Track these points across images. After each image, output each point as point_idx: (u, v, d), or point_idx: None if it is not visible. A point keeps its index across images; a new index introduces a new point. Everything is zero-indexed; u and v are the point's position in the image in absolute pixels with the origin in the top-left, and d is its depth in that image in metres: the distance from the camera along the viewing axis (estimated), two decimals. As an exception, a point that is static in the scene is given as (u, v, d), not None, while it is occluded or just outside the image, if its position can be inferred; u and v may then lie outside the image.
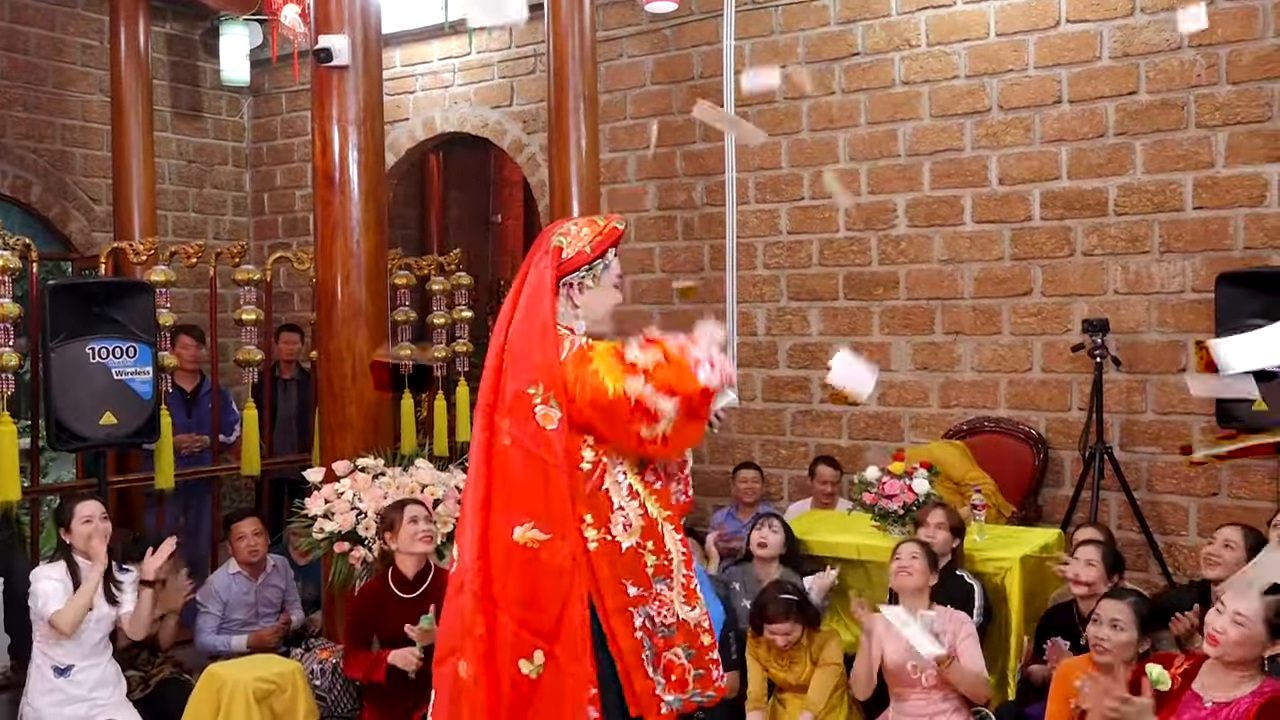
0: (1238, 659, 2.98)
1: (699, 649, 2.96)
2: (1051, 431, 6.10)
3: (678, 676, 2.91)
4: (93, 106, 8.13)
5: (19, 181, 7.82)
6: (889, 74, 6.53)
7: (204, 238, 8.58)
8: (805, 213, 6.84)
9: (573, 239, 2.97)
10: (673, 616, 2.93)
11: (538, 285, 2.91)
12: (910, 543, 4.34)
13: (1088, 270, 6.00)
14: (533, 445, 2.81)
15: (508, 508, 2.84)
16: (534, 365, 2.83)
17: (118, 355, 5.14)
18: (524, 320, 2.89)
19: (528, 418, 2.82)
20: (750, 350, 7.01)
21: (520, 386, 2.83)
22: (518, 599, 2.82)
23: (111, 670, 4.31)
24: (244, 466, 6.00)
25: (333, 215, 5.05)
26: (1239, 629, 2.97)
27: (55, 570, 4.19)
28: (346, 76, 5.00)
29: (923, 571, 4.21)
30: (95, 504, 4.31)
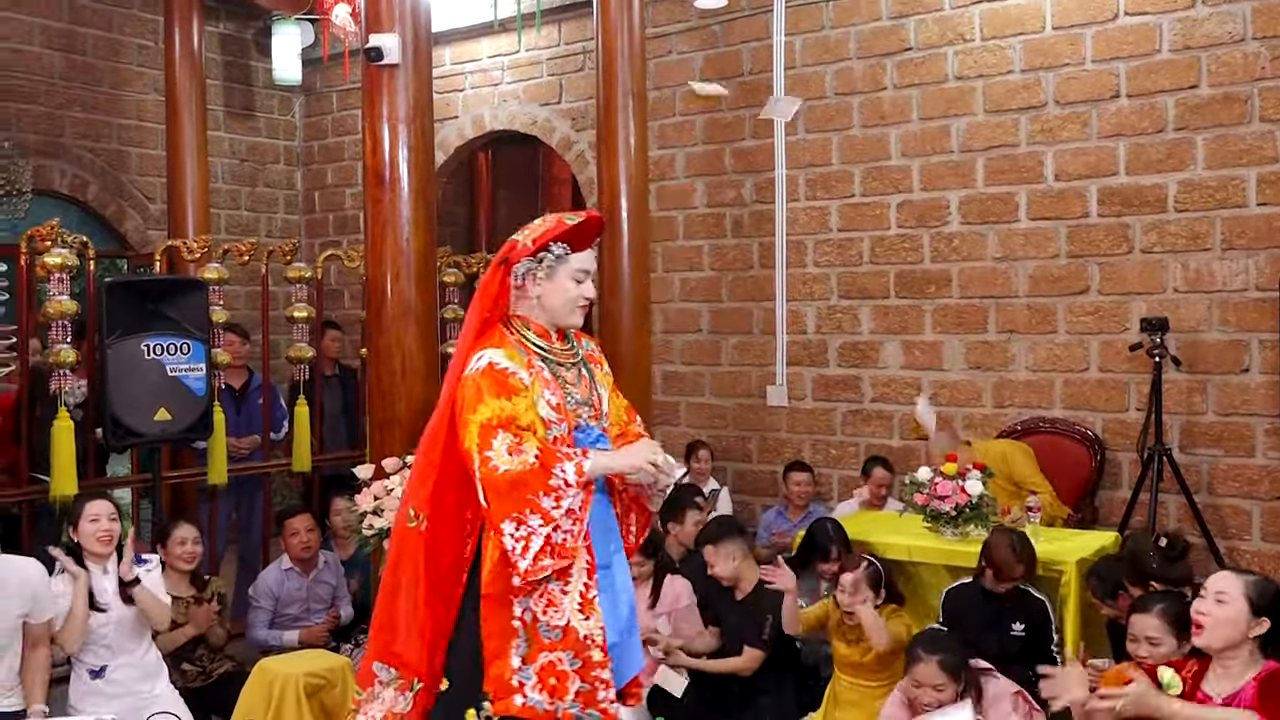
0: (1225, 642, 2.96)
1: (586, 662, 2.94)
2: (1108, 432, 6.02)
3: (557, 681, 2.90)
4: (148, 106, 8.27)
5: (77, 180, 7.98)
6: (942, 69, 6.48)
7: (256, 236, 8.70)
8: (856, 210, 6.80)
9: (527, 233, 3.08)
10: (561, 619, 2.92)
11: (487, 282, 3.07)
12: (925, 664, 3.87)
13: (1146, 268, 5.91)
14: (427, 440, 3.02)
15: (410, 493, 3.06)
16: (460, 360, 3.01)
17: (172, 352, 5.22)
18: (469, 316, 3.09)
19: (443, 408, 3.01)
20: (800, 349, 6.98)
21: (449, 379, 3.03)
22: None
23: (152, 662, 4.30)
24: (295, 463, 6.08)
25: (383, 213, 5.09)
26: (1221, 607, 2.97)
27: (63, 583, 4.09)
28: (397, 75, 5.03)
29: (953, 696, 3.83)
30: (105, 503, 4.25)
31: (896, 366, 6.69)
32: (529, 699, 2.87)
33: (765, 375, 7.07)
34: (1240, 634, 2.97)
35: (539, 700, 2.88)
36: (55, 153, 7.83)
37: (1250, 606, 2.97)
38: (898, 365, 6.69)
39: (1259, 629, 2.97)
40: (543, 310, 3.06)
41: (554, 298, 3.04)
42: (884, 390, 6.74)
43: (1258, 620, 2.97)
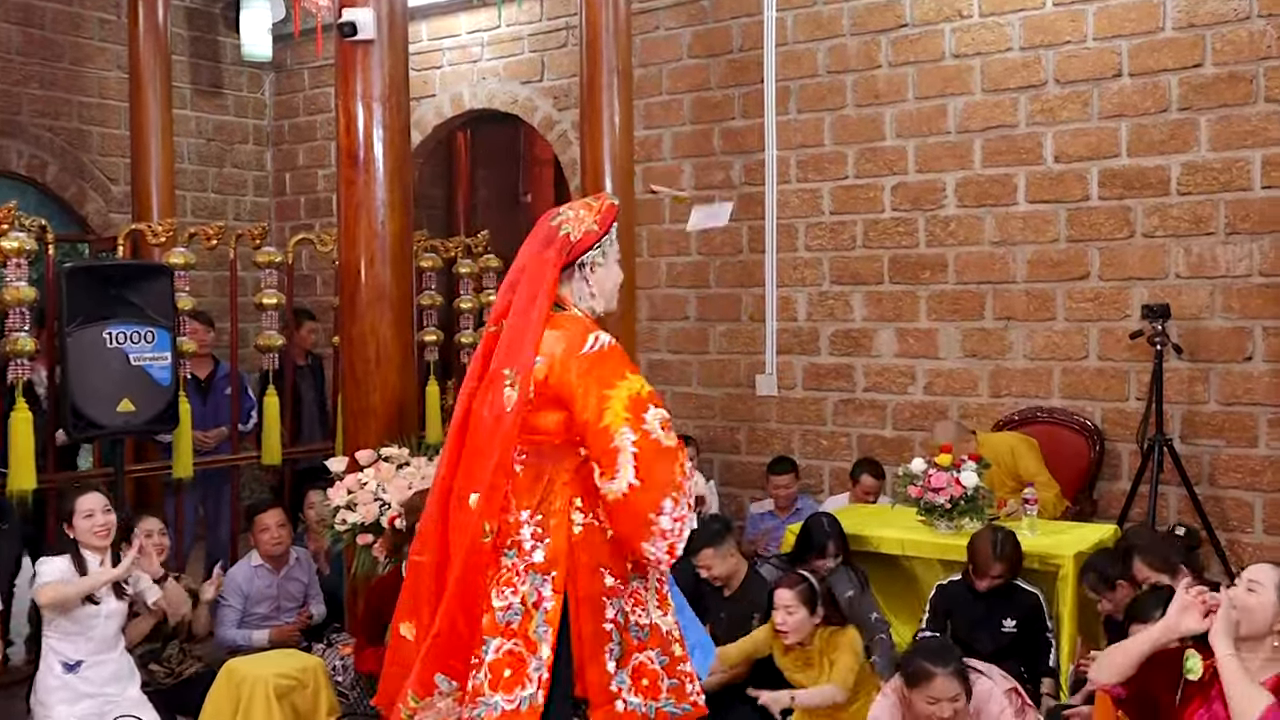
0: (1246, 631, 2.96)
1: (671, 658, 3.02)
2: (1108, 423, 6.04)
3: (649, 681, 2.96)
4: (110, 83, 8.20)
5: (35, 161, 7.91)
6: (939, 46, 6.47)
7: (224, 219, 8.64)
8: (849, 192, 6.79)
9: (575, 222, 3.09)
10: (647, 618, 2.99)
11: (536, 275, 3.05)
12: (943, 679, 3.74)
13: (1148, 253, 5.92)
14: (493, 422, 2.98)
15: (469, 477, 3.02)
16: (516, 352, 2.98)
17: (135, 340, 5.18)
18: (519, 309, 3.03)
19: (498, 396, 2.98)
20: (790, 336, 6.99)
21: (499, 367, 3.01)
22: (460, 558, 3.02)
23: (125, 665, 4.32)
24: (265, 456, 6.05)
25: (356, 195, 5.07)
26: (1250, 595, 2.97)
27: (60, 560, 4.19)
28: (371, 51, 5.00)
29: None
30: (97, 496, 4.29)
31: (890, 355, 6.70)
32: (628, 703, 2.92)
33: (754, 364, 7.07)
34: (1264, 625, 2.95)
35: (637, 703, 2.93)
36: (12, 132, 7.76)
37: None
38: (891, 354, 6.70)
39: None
40: (597, 295, 3.12)
41: (609, 282, 3.13)
42: (877, 380, 6.75)
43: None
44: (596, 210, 3.10)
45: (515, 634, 2.90)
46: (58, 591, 4.08)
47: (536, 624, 2.89)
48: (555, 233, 3.07)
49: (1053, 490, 5.60)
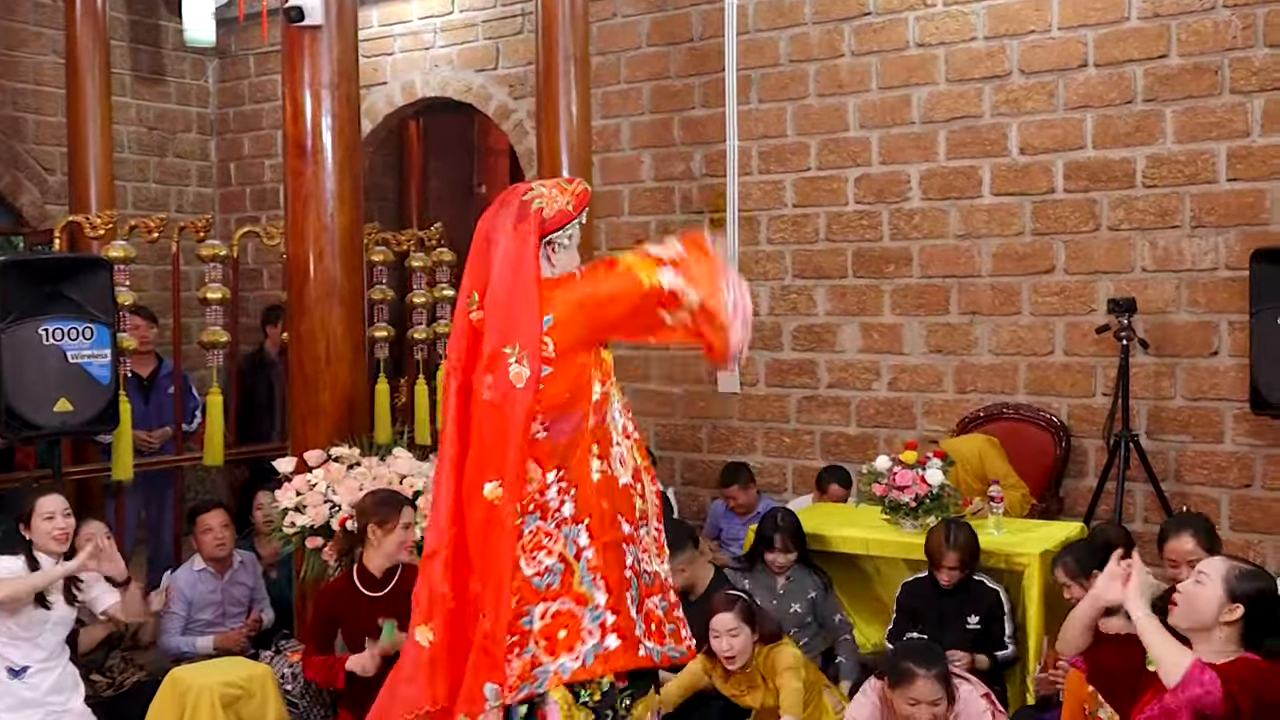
0: (1192, 622, 3.06)
1: (670, 604, 3.16)
2: (1074, 419, 6.10)
3: (656, 627, 3.08)
4: (46, 69, 8.07)
5: (-33, 150, 7.78)
6: (902, 35, 6.50)
7: (166, 211, 8.54)
8: (812, 184, 6.81)
9: (549, 199, 3.13)
10: (651, 565, 3.12)
11: (519, 248, 3.06)
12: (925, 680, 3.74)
13: (1114, 246, 5.98)
14: (504, 403, 2.98)
15: (481, 464, 3.01)
16: (514, 327, 3.00)
17: (73, 337, 5.11)
18: (503, 283, 3.04)
19: (504, 376, 2.98)
20: (752, 332, 6.96)
21: (498, 346, 3.00)
22: (482, 557, 3.00)
23: (70, 675, 4.29)
24: (206, 457, 5.98)
25: (305, 186, 5.02)
26: (1198, 586, 3.06)
27: (12, 560, 4.15)
28: (319, 37, 4.96)
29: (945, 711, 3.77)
30: (58, 498, 4.26)
31: (854, 350, 6.73)
32: (646, 648, 3.00)
33: (716, 360, 7.06)
34: (1210, 617, 3.03)
35: (653, 648, 3.02)
36: (-57, 119, 7.64)
37: (1227, 591, 3.03)
38: (855, 349, 6.73)
39: (1231, 615, 3.02)
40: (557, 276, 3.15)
41: (570, 265, 3.17)
42: (841, 375, 6.78)
43: (1231, 606, 3.01)
44: (571, 192, 3.16)
45: (559, 594, 2.96)
46: (11, 587, 4.03)
47: (581, 575, 2.96)
48: (528, 207, 3.10)
49: (1020, 490, 5.66)
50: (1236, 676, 2.90)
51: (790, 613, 4.88)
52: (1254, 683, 2.90)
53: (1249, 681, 2.90)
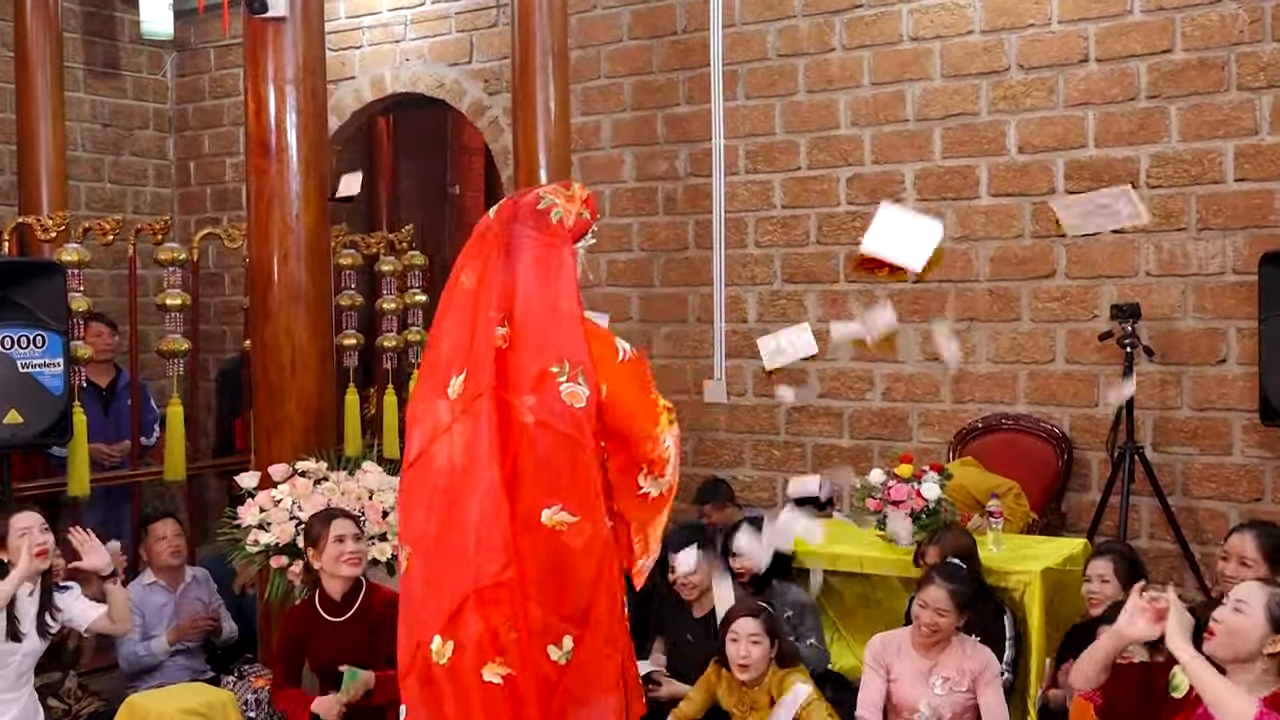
0: (1233, 653, 3.04)
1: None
2: (1076, 430, 6.14)
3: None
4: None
5: (-90, 147, 7.75)
6: (896, 28, 6.54)
7: (122, 212, 8.49)
8: (802, 184, 6.84)
9: (563, 207, 3.07)
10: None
11: (555, 260, 3.01)
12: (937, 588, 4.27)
13: (1117, 249, 6.02)
14: (561, 424, 2.92)
15: (534, 489, 2.93)
16: (559, 343, 2.95)
17: (24, 345, 5.10)
18: (540, 298, 2.98)
19: (554, 396, 2.92)
20: (740, 339, 7.01)
21: (544, 365, 2.94)
22: (546, 584, 2.92)
23: (31, 706, 4.27)
24: (167, 471, 5.96)
25: (268, 186, 5.03)
26: (1237, 616, 3.05)
27: None
28: (283, 29, 4.97)
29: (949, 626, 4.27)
30: (33, 514, 4.20)
31: (846, 358, 6.74)
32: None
33: (702, 369, 7.09)
34: (1252, 648, 3.03)
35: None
36: (-116, 115, 7.60)
37: (1270, 621, 3.02)
38: (847, 357, 6.73)
39: (1275, 646, 3.01)
40: None
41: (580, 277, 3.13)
42: (832, 385, 6.79)
43: (1275, 637, 3.01)
44: (579, 199, 3.13)
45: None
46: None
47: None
48: (548, 217, 3.04)
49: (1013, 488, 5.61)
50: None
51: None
52: None
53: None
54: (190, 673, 5.18)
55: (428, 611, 2.95)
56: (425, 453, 3.00)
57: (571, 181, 3.27)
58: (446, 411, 2.96)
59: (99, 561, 4.32)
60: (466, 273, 3.05)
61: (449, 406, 2.96)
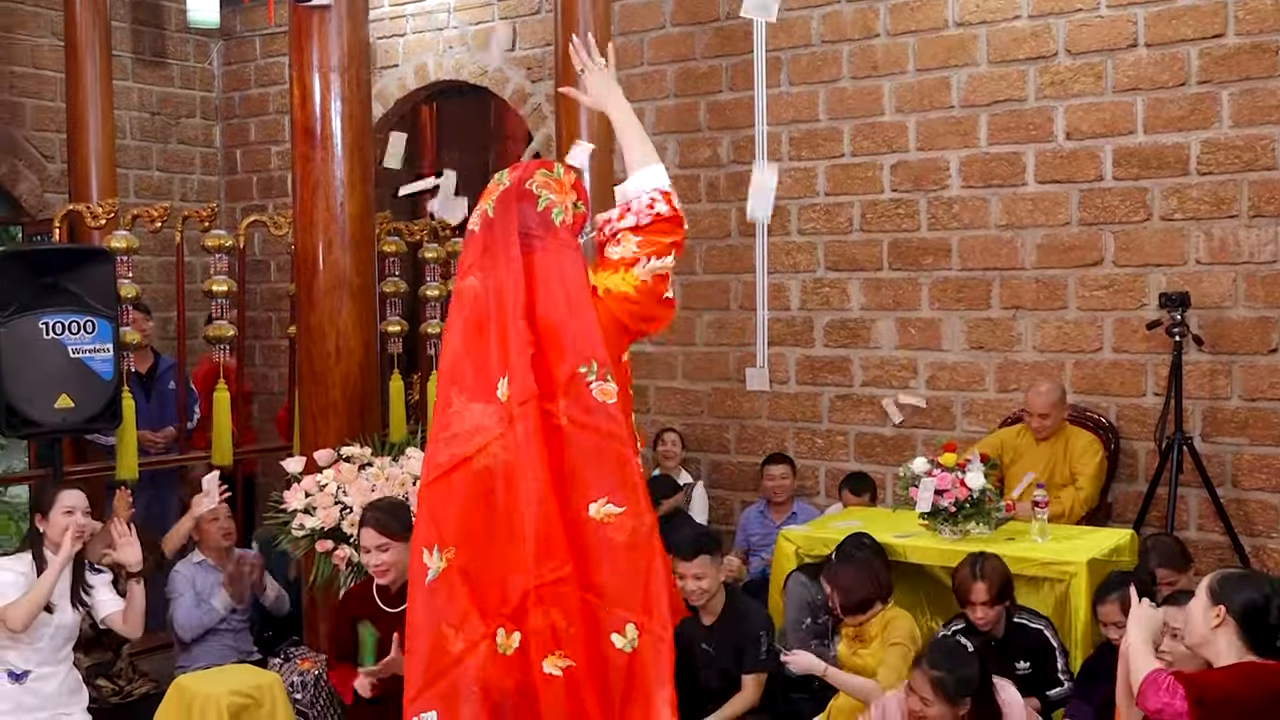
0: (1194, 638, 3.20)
1: None
2: (1123, 420, 6.08)
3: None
4: (45, 52, 8.14)
5: (-38, 136, 7.86)
6: (941, 14, 6.49)
7: (169, 199, 8.60)
8: (845, 171, 6.81)
9: (559, 204, 3.07)
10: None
11: (563, 262, 3.01)
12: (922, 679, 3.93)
13: (1166, 237, 5.96)
14: (599, 422, 2.94)
15: (577, 487, 2.96)
16: (581, 344, 2.96)
17: (74, 331, 5.17)
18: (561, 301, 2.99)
19: (587, 398, 2.95)
20: (783, 327, 7.00)
21: (572, 368, 2.96)
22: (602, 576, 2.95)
23: (73, 679, 4.35)
24: (215, 455, 6.04)
25: (313, 173, 5.06)
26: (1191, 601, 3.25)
27: (18, 563, 4.21)
28: (328, 17, 5.00)
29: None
30: (79, 494, 4.33)
31: (890, 347, 6.72)
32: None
33: (744, 356, 7.08)
34: (1202, 627, 3.16)
35: None
36: (-62, 104, 7.73)
37: (1210, 595, 3.16)
38: (891, 345, 6.72)
39: (1217, 619, 3.12)
40: None
41: None
42: (876, 373, 6.77)
43: (1215, 609, 3.13)
44: (569, 187, 3.10)
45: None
46: (31, 608, 4.08)
47: None
48: (549, 218, 3.04)
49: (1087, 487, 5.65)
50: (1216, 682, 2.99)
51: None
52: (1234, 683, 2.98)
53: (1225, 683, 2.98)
54: (237, 654, 5.25)
55: (488, 604, 2.97)
56: (467, 459, 3.00)
57: (553, 162, 3.18)
58: (494, 416, 2.97)
59: (130, 557, 4.40)
60: (474, 275, 3.06)
61: (498, 411, 2.97)
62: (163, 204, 6.46)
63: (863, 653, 4.55)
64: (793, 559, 5.25)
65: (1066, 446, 5.76)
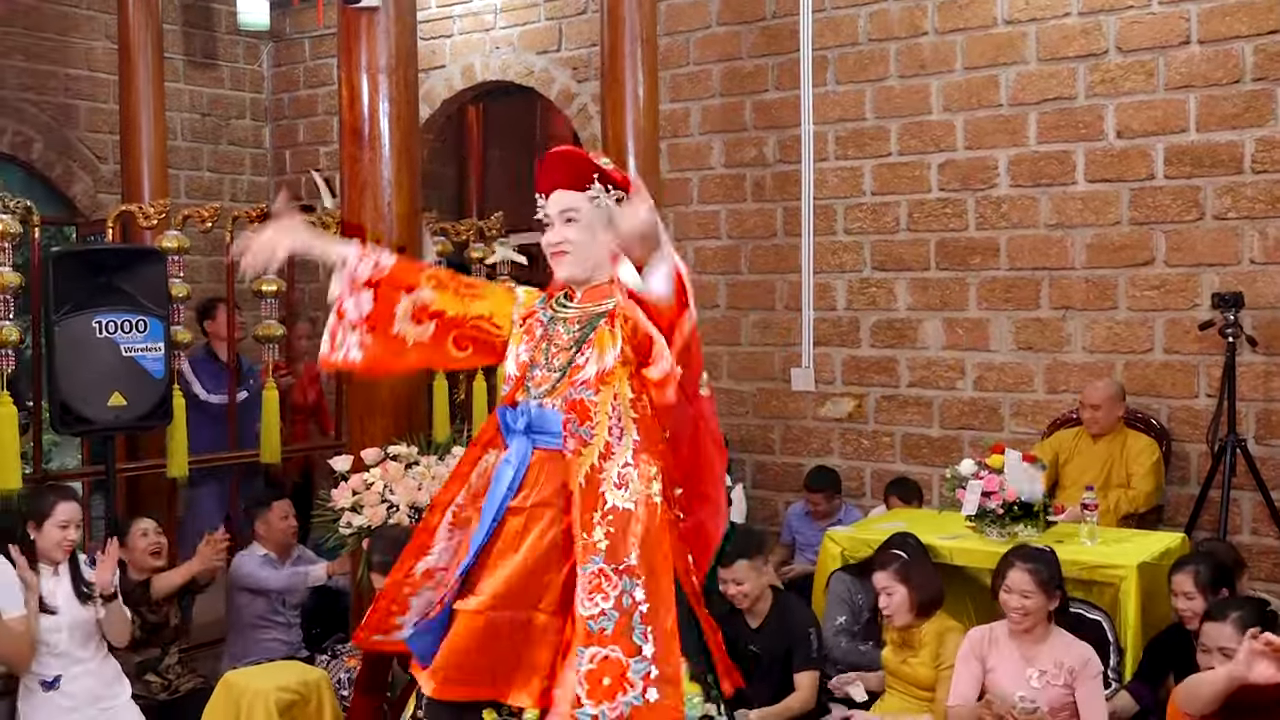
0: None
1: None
2: (1175, 421, 6.01)
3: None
4: (98, 54, 8.27)
5: (19, 138, 7.99)
6: (989, 11, 6.44)
7: (220, 200, 8.70)
8: (892, 170, 6.78)
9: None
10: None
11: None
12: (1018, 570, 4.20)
13: (1219, 236, 5.88)
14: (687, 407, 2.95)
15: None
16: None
17: (126, 330, 5.23)
18: None
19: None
20: (829, 327, 6.98)
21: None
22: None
23: (109, 671, 4.36)
24: (264, 454, 6.10)
25: (361, 174, 5.10)
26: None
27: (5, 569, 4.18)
28: (377, 19, 5.03)
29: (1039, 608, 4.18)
30: (76, 507, 4.35)
31: (937, 347, 6.69)
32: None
33: (789, 356, 7.07)
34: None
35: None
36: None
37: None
38: (938, 346, 6.68)
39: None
40: None
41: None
42: (923, 374, 6.74)
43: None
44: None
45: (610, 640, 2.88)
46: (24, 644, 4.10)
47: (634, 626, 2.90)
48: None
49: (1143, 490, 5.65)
50: None
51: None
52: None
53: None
54: (287, 649, 5.30)
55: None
56: None
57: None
58: None
59: (101, 579, 4.34)
60: None
61: None
62: (213, 204, 6.53)
63: (913, 661, 4.50)
64: (838, 560, 5.23)
65: (1124, 447, 5.74)
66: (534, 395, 2.98)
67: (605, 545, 2.88)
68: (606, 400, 2.92)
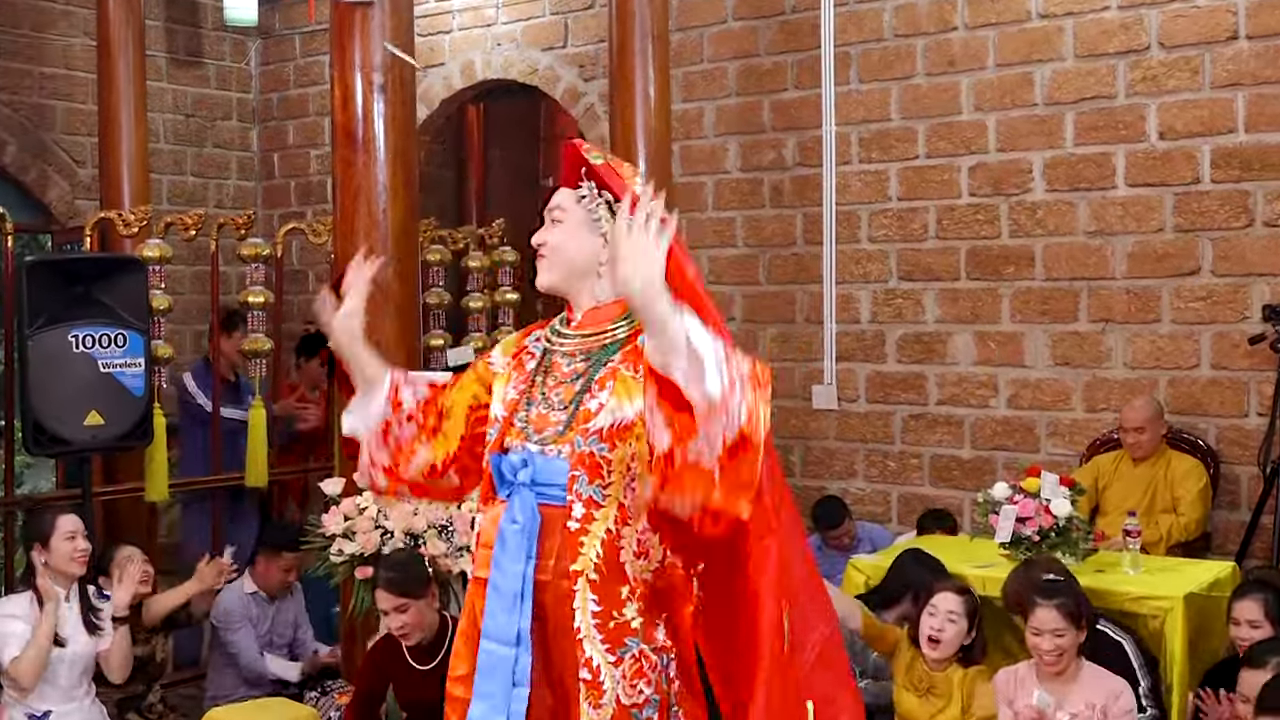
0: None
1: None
2: (1223, 442, 5.99)
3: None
4: (76, 52, 8.29)
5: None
6: (1023, 5, 6.45)
7: (204, 206, 8.71)
8: (920, 174, 6.77)
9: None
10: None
11: None
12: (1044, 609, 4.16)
13: (1271, 244, 5.87)
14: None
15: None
16: None
17: (104, 344, 5.24)
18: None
19: None
20: (852, 340, 6.97)
21: None
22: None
23: (95, 713, 4.39)
24: (249, 477, 6.09)
25: (355, 179, 5.10)
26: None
27: (18, 605, 4.27)
28: (371, 15, 5.04)
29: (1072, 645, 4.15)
30: (76, 518, 4.43)
31: (968, 362, 6.67)
32: None
33: (811, 372, 7.05)
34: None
35: None
36: (-34, 107, 7.88)
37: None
38: (969, 361, 6.66)
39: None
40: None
41: None
42: (953, 391, 6.72)
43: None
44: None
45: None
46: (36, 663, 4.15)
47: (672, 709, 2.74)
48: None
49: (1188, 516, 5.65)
50: None
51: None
52: None
53: None
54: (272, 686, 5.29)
55: None
56: None
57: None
58: None
59: (118, 600, 4.48)
60: None
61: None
62: (197, 211, 6.55)
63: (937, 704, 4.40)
64: (862, 589, 5.20)
65: (1168, 470, 5.72)
66: (534, 439, 2.66)
67: (640, 624, 2.62)
68: (623, 457, 2.58)
